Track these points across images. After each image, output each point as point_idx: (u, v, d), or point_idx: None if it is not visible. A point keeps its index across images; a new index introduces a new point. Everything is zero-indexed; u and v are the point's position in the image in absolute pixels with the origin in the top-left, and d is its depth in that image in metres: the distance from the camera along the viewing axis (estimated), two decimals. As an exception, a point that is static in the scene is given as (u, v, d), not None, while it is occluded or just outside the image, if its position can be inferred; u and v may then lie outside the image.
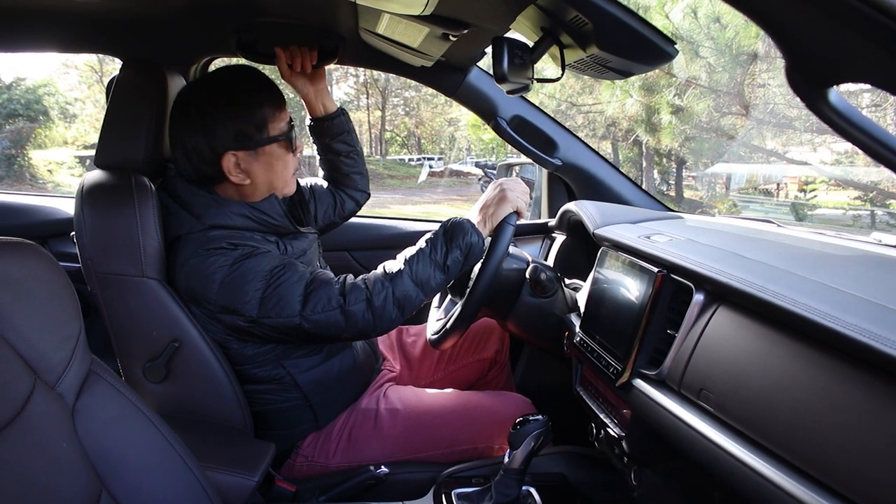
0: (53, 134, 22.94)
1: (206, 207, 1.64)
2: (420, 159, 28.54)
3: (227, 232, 1.62)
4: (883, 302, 0.95)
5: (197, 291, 1.58)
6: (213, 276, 1.54)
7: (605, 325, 1.54)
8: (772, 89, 9.14)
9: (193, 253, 1.58)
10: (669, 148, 11.24)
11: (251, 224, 1.65)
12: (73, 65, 26.03)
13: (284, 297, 1.53)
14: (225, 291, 1.54)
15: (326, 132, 2.02)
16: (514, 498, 1.53)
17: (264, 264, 1.56)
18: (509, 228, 1.67)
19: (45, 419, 0.95)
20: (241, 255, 1.56)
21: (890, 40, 0.54)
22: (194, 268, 1.57)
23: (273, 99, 1.65)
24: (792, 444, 0.91)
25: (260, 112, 1.63)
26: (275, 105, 1.65)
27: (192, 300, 1.61)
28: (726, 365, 1.09)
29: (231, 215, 1.63)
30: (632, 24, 1.11)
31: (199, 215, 1.63)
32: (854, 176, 10.37)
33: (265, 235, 1.67)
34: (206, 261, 1.55)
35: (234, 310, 1.55)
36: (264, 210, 1.67)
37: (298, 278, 1.56)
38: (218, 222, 1.62)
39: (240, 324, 1.57)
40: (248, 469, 1.46)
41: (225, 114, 1.60)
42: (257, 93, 1.63)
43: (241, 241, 1.60)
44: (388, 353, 2.13)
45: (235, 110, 1.61)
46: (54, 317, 1.01)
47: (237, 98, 1.62)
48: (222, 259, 1.55)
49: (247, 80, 1.65)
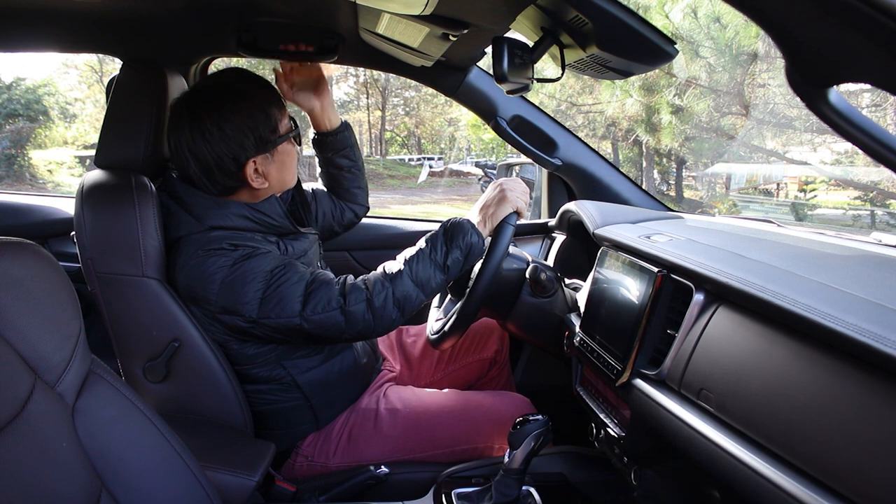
0: (53, 134, 22.94)
1: (206, 209, 1.63)
2: (420, 159, 28.54)
3: (228, 233, 1.61)
4: (883, 302, 0.95)
5: (197, 292, 1.58)
6: (214, 277, 1.54)
7: (606, 325, 1.54)
8: (772, 89, 9.14)
9: (193, 254, 1.58)
10: (669, 148, 11.24)
11: (251, 225, 1.65)
12: (73, 65, 26.05)
13: (284, 297, 1.53)
14: (225, 292, 1.54)
15: (330, 146, 2.01)
16: (515, 498, 1.53)
17: (264, 265, 1.55)
18: (509, 228, 1.67)
19: (45, 419, 0.95)
20: (241, 255, 1.56)
21: (890, 39, 0.54)
22: (194, 269, 1.57)
23: (276, 96, 1.67)
24: (792, 444, 0.91)
25: (271, 113, 1.63)
26: (279, 102, 1.67)
27: (192, 300, 1.61)
28: (726, 365, 1.09)
29: (231, 216, 1.63)
30: (632, 23, 1.11)
31: (199, 216, 1.63)
32: (854, 176, 10.37)
33: (266, 236, 1.67)
34: (207, 261, 1.55)
35: (234, 310, 1.55)
36: (264, 211, 1.67)
37: (298, 279, 1.56)
38: (218, 223, 1.62)
39: (240, 324, 1.57)
40: (248, 469, 1.46)
41: (244, 122, 1.59)
42: (263, 94, 1.64)
43: (241, 241, 1.60)
44: (388, 353, 2.13)
45: (252, 116, 1.60)
46: (54, 317, 1.01)
47: (249, 104, 1.61)
48: (222, 260, 1.55)
49: (250, 82, 1.65)
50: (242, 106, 1.60)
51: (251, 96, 1.62)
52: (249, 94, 1.62)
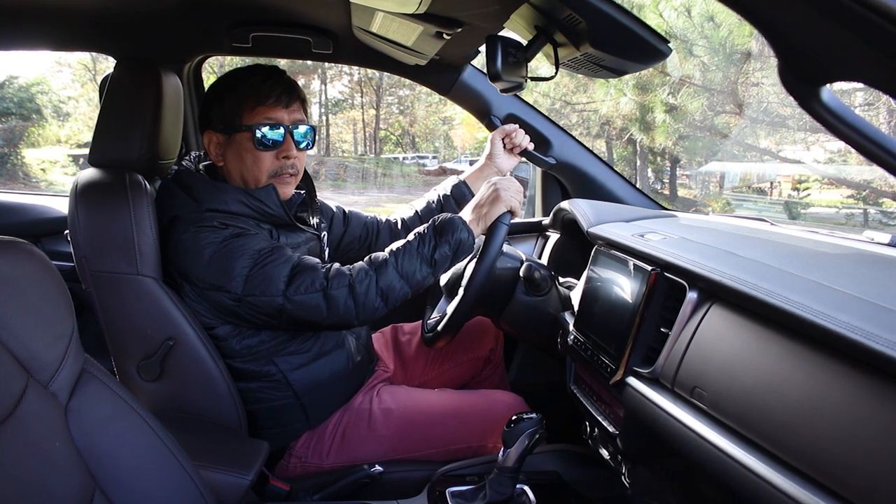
0: (47, 132, 22.81)
1: (206, 192, 1.67)
2: (414, 158, 28.48)
3: (222, 215, 1.65)
4: (875, 300, 0.95)
5: (187, 267, 1.61)
6: (203, 252, 1.58)
7: (599, 324, 1.54)
8: (765, 88, 9.15)
9: (185, 230, 1.62)
10: (663, 146, 11.24)
11: (247, 210, 1.68)
12: (66, 63, 25.85)
13: (270, 276, 1.57)
14: (213, 267, 1.58)
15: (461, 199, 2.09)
16: (509, 496, 1.53)
17: (254, 244, 1.60)
18: (503, 227, 1.67)
19: (38, 418, 0.95)
20: (231, 234, 1.60)
21: (881, 38, 0.55)
22: (185, 243, 1.61)
23: (257, 93, 1.69)
24: (785, 442, 0.91)
25: (242, 100, 1.68)
26: (258, 98, 1.68)
27: (182, 276, 1.64)
28: (719, 363, 1.10)
29: (228, 200, 1.67)
30: (625, 22, 1.11)
31: (198, 198, 1.67)
32: (847, 174, 10.39)
33: (259, 223, 1.70)
34: (197, 236, 1.60)
35: (220, 286, 1.58)
36: (260, 198, 1.69)
37: (285, 260, 1.59)
38: (215, 206, 1.66)
39: (225, 301, 1.60)
40: (243, 468, 1.46)
41: (218, 95, 1.71)
42: (250, 82, 1.69)
43: (232, 222, 1.64)
44: (383, 351, 2.13)
45: (226, 94, 1.70)
46: (47, 316, 1.00)
47: (235, 84, 1.70)
48: (213, 236, 1.59)
49: (254, 71, 1.71)
50: (227, 83, 1.72)
51: (240, 80, 1.71)
52: (240, 78, 1.71)
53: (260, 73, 1.71)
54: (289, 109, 1.71)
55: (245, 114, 1.68)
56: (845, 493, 0.80)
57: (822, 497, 0.82)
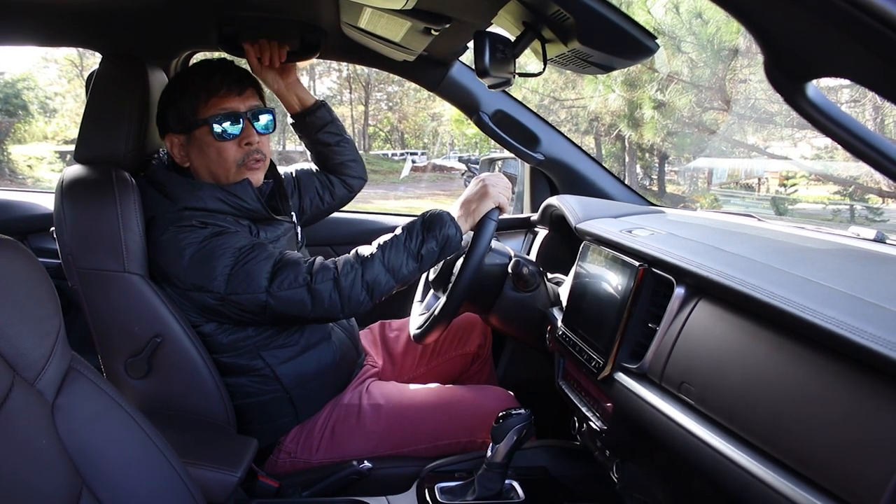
0: (33, 129, 22.69)
1: (181, 190, 1.67)
2: (403, 154, 28.46)
3: (199, 213, 1.64)
4: (861, 295, 0.96)
5: (168, 269, 1.60)
6: (183, 252, 1.57)
7: (587, 319, 1.55)
8: (753, 85, 9.18)
9: (164, 230, 1.61)
10: (652, 143, 11.29)
11: (224, 207, 1.67)
12: (52, 59, 25.68)
13: (252, 273, 1.55)
14: (194, 267, 1.57)
15: (309, 127, 2.01)
16: (497, 491, 1.54)
17: (234, 242, 1.59)
18: (491, 224, 1.67)
19: (25, 416, 0.95)
20: (211, 233, 1.59)
21: (866, 35, 0.55)
22: (165, 244, 1.60)
23: (207, 85, 1.68)
24: (772, 436, 0.92)
25: (195, 96, 1.67)
26: (209, 91, 1.67)
27: (163, 278, 1.63)
28: (707, 358, 1.10)
29: (205, 198, 1.66)
30: (613, 18, 1.11)
31: (173, 198, 1.66)
32: (833, 171, 10.45)
33: (238, 219, 1.69)
34: (177, 237, 1.58)
35: (203, 286, 1.57)
36: (237, 193, 1.68)
37: (267, 256, 1.58)
38: (191, 204, 1.65)
39: (209, 301, 1.59)
40: (231, 465, 1.45)
41: (171, 97, 1.71)
42: (199, 78, 1.69)
43: (211, 221, 1.62)
44: (371, 348, 2.12)
45: (178, 94, 1.70)
46: (33, 313, 1.00)
47: (185, 83, 1.70)
48: (192, 236, 1.58)
49: (202, 67, 1.72)
50: (179, 84, 1.73)
51: (192, 77, 1.71)
52: (191, 75, 1.72)
53: (207, 66, 1.71)
54: (242, 97, 1.70)
55: (200, 109, 1.67)
56: (832, 488, 0.81)
57: (807, 491, 0.82)
